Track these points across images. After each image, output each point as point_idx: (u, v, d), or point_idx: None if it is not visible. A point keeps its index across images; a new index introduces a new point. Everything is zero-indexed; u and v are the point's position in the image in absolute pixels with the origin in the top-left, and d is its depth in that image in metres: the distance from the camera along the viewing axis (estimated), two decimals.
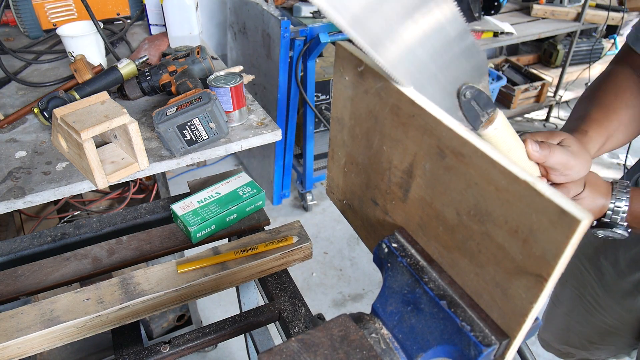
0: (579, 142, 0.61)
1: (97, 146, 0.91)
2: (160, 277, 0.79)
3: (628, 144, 0.79)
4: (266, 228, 0.96)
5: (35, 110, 1.03)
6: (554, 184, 0.60)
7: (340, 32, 1.84)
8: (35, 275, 0.83)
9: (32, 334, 0.70)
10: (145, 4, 1.44)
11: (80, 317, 0.72)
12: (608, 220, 0.63)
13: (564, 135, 0.61)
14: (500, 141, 0.53)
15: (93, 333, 0.75)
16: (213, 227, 0.90)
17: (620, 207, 0.62)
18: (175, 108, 0.96)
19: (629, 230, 0.63)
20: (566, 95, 3.15)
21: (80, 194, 1.83)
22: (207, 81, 1.08)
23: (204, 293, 0.81)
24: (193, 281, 0.79)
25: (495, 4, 2.52)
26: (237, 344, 1.78)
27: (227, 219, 0.92)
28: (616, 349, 1.06)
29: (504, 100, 2.94)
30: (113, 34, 1.49)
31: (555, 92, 3.00)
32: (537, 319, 0.40)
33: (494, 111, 0.52)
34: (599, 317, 1.02)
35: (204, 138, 0.99)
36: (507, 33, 2.48)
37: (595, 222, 0.64)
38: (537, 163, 0.58)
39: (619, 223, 0.62)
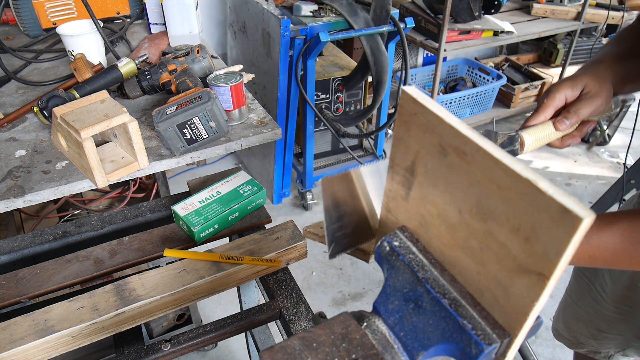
0: (597, 79, 0.71)
1: (97, 145, 0.91)
2: (155, 281, 0.78)
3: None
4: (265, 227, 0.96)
5: (35, 109, 1.03)
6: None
7: (340, 31, 1.84)
8: (37, 278, 0.82)
9: (26, 345, 0.68)
10: (145, 3, 1.44)
11: (75, 326, 0.71)
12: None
13: (584, 81, 0.70)
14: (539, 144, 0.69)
15: (89, 341, 0.74)
16: (216, 226, 0.90)
17: None
18: (175, 107, 0.96)
19: None
20: None
21: (80, 193, 1.83)
22: (207, 80, 1.08)
23: (201, 296, 0.81)
24: (189, 284, 0.78)
25: (496, 3, 2.52)
26: (238, 342, 1.78)
27: (230, 218, 0.92)
28: (625, 340, 1.06)
29: (504, 99, 2.94)
30: (113, 32, 1.49)
31: None
32: (538, 317, 0.40)
33: (518, 139, 0.66)
34: (605, 306, 1.03)
35: (204, 137, 0.99)
36: (507, 32, 2.48)
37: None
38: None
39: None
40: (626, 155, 1.98)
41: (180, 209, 0.91)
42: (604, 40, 3.19)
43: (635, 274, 0.95)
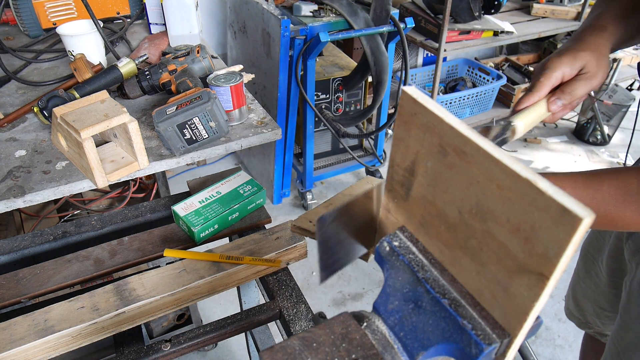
0: (597, 56, 0.69)
1: (97, 145, 0.91)
2: (155, 281, 0.78)
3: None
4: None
5: (35, 109, 1.03)
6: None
7: (340, 31, 1.84)
8: (37, 278, 0.82)
9: (26, 345, 0.68)
10: (145, 3, 1.44)
11: (76, 326, 0.71)
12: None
13: (584, 59, 0.69)
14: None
15: (89, 341, 0.74)
16: (216, 226, 0.90)
17: None
18: (175, 107, 0.96)
19: None
20: None
21: (80, 193, 1.83)
22: (207, 80, 1.08)
23: (201, 296, 0.81)
24: (189, 284, 0.78)
25: (496, 3, 2.52)
26: (238, 342, 1.78)
27: (230, 218, 0.92)
28: None
29: (504, 99, 2.94)
30: (113, 33, 1.49)
31: None
32: (538, 317, 0.40)
33: (510, 127, 0.66)
34: (603, 281, 1.04)
35: (204, 137, 0.99)
36: (507, 32, 2.48)
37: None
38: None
39: None
40: (626, 155, 1.98)
41: (180, 209, 0.91)
42: None
43: (617, 240, 0.95)
